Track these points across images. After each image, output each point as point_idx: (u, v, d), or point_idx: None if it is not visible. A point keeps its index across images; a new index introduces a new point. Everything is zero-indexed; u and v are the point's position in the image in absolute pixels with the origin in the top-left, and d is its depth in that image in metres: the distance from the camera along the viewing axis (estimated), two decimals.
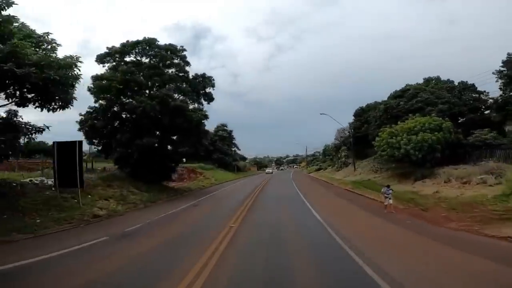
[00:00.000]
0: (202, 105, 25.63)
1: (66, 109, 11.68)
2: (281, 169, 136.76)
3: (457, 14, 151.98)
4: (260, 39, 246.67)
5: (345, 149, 58.33)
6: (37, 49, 10.63)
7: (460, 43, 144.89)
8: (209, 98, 25.75)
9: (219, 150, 56.36)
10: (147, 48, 23.05)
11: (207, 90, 25.68)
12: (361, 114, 43.60)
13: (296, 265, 5.74)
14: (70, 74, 10.99)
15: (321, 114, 32.83)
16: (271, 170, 78.30)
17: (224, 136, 57.95)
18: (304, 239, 8.25)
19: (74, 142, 13.17)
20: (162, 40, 27.42)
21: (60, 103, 11.38)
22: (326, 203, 17.10)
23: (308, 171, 71.20)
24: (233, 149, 60.82)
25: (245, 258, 6.38)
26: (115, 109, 21.44)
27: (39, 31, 11.32)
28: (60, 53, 11.28)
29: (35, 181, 13.67)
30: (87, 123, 20.27)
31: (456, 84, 31.81)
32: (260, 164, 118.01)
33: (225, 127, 59.86)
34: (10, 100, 10.79)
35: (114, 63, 22.20)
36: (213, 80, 25.63)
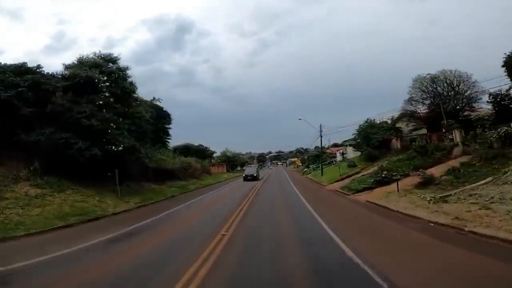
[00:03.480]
0: None
1: None
2: (251, 174, 51.20)
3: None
4: (244, 34, 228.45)
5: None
6: None
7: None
8: None
9: (78, 124, 17.17)
10: None
11: None
12: None
13: None
14: None
15: None
16: None
17: (101, 82, 18.67)
18: None
19: None
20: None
21: None
22: None
23: (324, 179, 33.04)
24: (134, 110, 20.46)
25: None
26: None
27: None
28: None
29: None
30: None
31: None
32: (234, 162, 77.23)
33: (108, 58, 20.61)
34: None
35: None
36: None
